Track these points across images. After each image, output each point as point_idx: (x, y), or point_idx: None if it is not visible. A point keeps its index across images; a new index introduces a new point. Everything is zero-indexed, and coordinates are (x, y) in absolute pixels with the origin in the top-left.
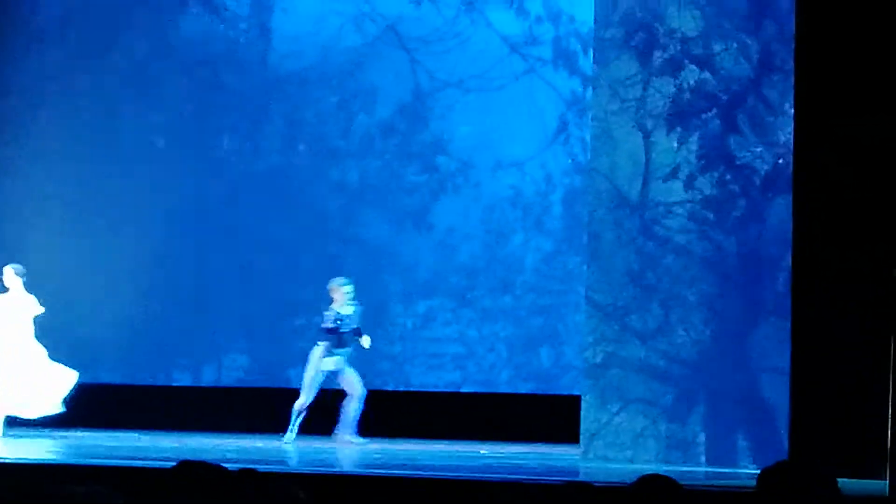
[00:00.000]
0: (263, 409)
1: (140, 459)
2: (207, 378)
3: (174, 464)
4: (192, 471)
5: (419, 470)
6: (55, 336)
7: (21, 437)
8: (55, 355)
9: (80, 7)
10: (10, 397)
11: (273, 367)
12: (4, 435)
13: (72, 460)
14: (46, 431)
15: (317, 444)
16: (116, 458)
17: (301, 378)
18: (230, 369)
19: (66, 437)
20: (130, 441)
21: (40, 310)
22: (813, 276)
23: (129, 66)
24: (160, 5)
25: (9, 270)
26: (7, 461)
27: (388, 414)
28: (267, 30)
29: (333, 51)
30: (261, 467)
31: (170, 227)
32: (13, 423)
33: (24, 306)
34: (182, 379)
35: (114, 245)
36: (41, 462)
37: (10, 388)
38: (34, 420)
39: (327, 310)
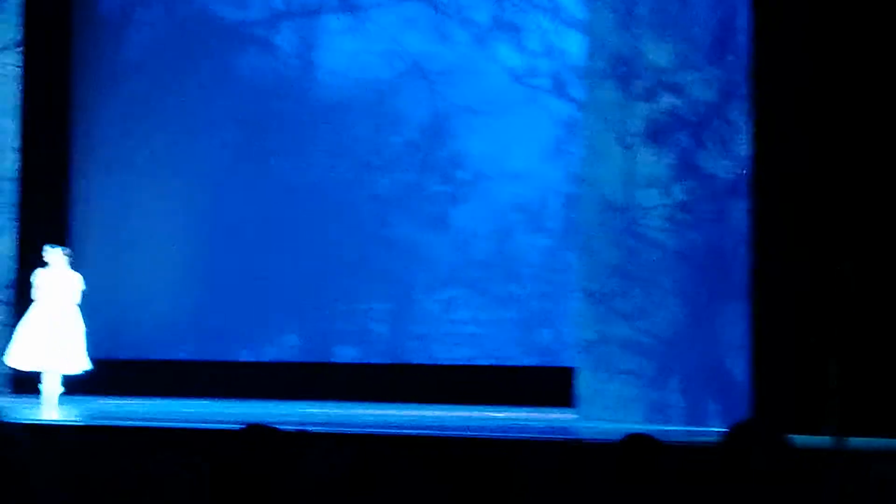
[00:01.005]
0: (312, 380)
1: (213, 423)
2: (266, 355)
3: (242, 427)
4: (258, 432)
5: (445, 430)
6: (136, 319)
7: (100, 402)
8: (137, 335)
9: (157, 45)
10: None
11: (319, 345)
12: (68, 400)
13: (155, 424)
14: (128, 398)
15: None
16: (191, 421)
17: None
18: (285, 347)
19: (147, 403)
20: (203, 408)
21: (81, 287)
22: (768, 268)
23: (196, 96)
24: (223, 44)
25: (51, 249)
26: (87, 424)
27: (416, 383)
28: (311, 65)
29: (367, 82)
30: (311, 428)
31: (234, 232)
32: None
33: (67, 281)
34: (245, 356)
35: (188, 247)
36: (128, 426)
37: (52, 349)
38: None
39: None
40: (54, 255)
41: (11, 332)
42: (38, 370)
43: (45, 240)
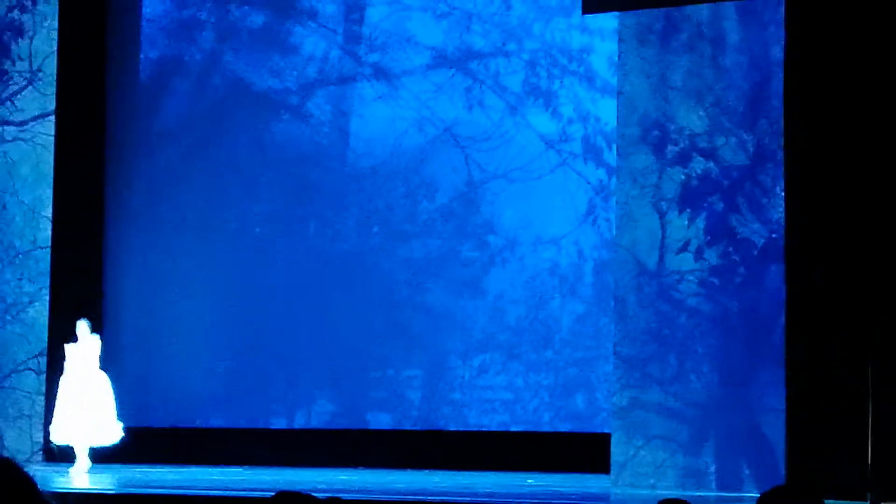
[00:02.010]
0: (346, 447)
1: (243, 490)
2: (299, 422)
3: (272, 494)
4: (288, 500)
5: (477, 497)
6: (169, 387)
7: (132, 469)
8: (169, 402)
9: (191, 112)
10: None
11: (354, 412)
12: (100, 468)
13: (185, 491)
14: (159, 466)
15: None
16: (222, 489)
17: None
18: (318, 414)
19: (178, 471)
20: (234, 475)
21: (98, 348)
22: (803, 332)
23: (231, 163)
24: (257, 112)
25: (82, 324)
26: (120, 492)
27: (450, 449)
28: (345, 133)
29: (400, 149)
30: (345, 496)
31: (267, 297)
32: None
33: (90, 350)
34: (278, 423)
35: (221, 313)
36: (160, 494)
37: (80, 421)
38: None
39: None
40: (79, 328)
41: (44, 401)
42: (75, 444)
43: (77, 308)
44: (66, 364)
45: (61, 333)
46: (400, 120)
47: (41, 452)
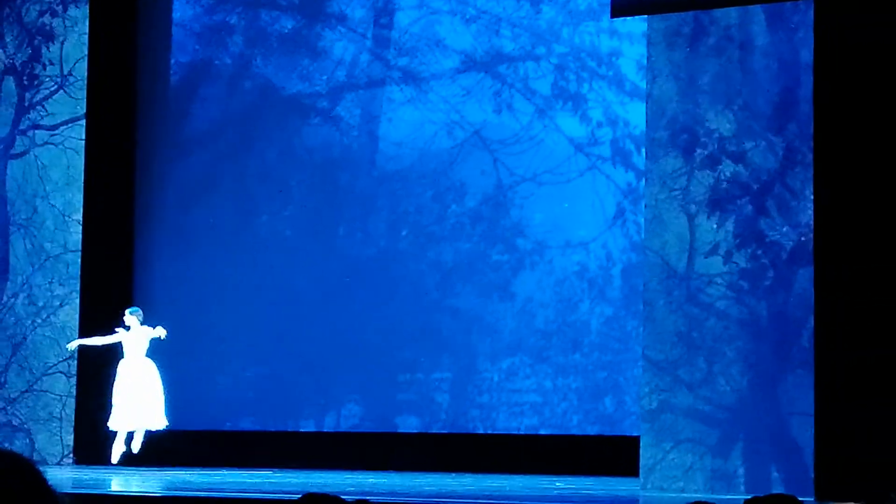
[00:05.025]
0: (375, 450)
1: (272, 493)
2: (328, 425)
3: (300, 496)
4: (315, 501)
5: (506, 500)
6: (199, 390)
7: (162, 472)
8: (199, 406)
9: (220, 118)
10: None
11: (382, 415)
12: (131, 471)
13: (214, 494)
14: (189, 469)
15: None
16: (251, 492)
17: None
18: (347, 417)
19: (208, 474)
20: (264, 478)
21: (158, 332)
22: (832, 335)
23: (261, 167)
24: (287, 117)
25: (128, 315)
26: (154, 494)
27: (478, 452)
28: (375, 136)
29: (429, 153)
30: (373, 498)
31: (297, 301)
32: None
33: (143, 337)
34: (307, 426)
35: (251, 316)
36: (190, 496)
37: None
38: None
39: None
40: (130, 319)
41: (74, 404)
42: (130, 430)
43: (107, 312)
44: (124, 350)
45: (92, 336)
46: (429, 123)
47: (71, 455)
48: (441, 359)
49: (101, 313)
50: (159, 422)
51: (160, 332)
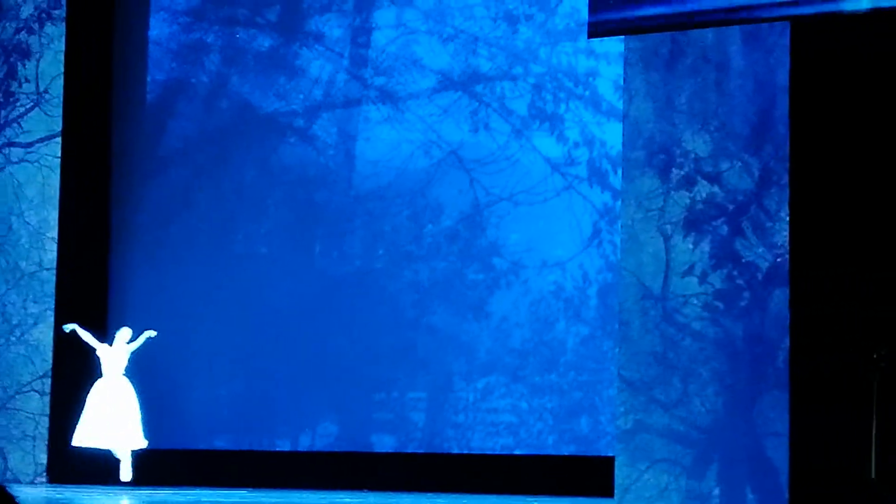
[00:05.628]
0: (349, 469)
1: None
2: (304, 444)
3: None
4: None
5: None
6: (173, 408)
7: (135, 492)
8: (174, 424)
9: (195, 137)
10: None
11: (357, 434)
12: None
13: None
14: (163, 488)
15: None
16: None
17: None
18: (322, 436)
19: (183, 493)
20: (239, 497)
21: (147, 333)
22: (807, 356)
23: (238, 186)
24: (264, 135)
25: (124, 330)
26: None
27: (454, 472)
28: (351, 155)
29: (406, 172)
30: None
31: (272, 319)
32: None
33: (124, 352)
34: (283, 445)
35: (226, 334)
36: None
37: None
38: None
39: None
40: (122, 334)
41: (48, 423)
42: (101, 447)
43: (82, 329)
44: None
45: (66, 355)
46: (406, 143)
47: (45, 474)
48: (417, 378)
49: (75, 332)
50: (138, 442)
51: (149, 333)
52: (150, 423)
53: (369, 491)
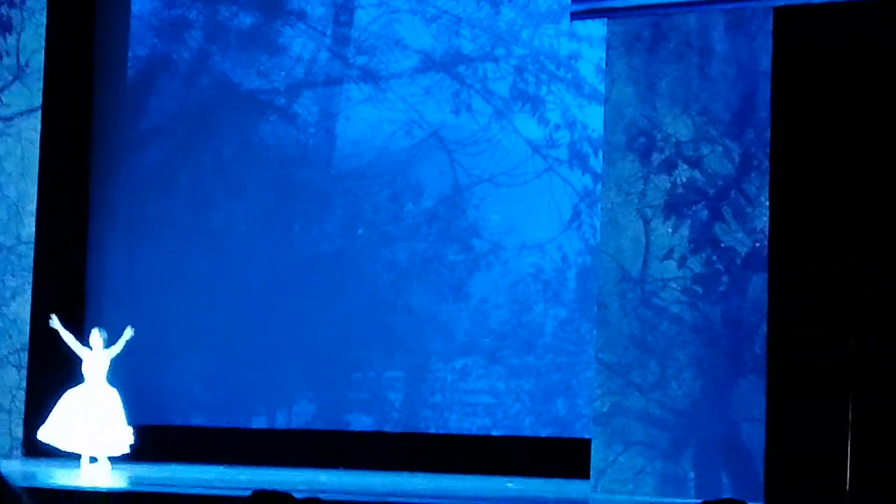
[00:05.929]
0: (326, 447)
1: (222, 488)
2: (280, 422)
3: (251, 492)
4: (265, 499)
5: (457, 499)
6: (150, 384)
7: (111, 467)
8: (151, 401)
9: (175, 114)
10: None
11: (334, 413)
12: (78, 464)
13: (164, 489)
14: (138, 464)
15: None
16: (201, 486)
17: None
18: (299, 415)
19: (158, 469)
20: (215, 474)
21: (126, 334)
22: (784, 341)
23: (217, 163)
24: (244, 113)
25: (94, 332)
26: (101, 490)
27: (430, 452)
28: (332, 134)
29: (386, 152)
30: (323, 496)
31: (250, 297)
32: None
33: (104, 358)
34: (259, 422)
35: (204, 311)
36: (141, 491)
37: (85, 430)
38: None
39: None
40: (94, 338)
41: (24, 396)
42: (75, 451)
43: (60, 304)
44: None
45: (43, 329)
46: (387, 122)
47: (21, 447)
48: (394, 358)
49: (53, 306)
50: (120, 447)
51: (127, 334)
52: (127, 398)
53: (346, 469)
